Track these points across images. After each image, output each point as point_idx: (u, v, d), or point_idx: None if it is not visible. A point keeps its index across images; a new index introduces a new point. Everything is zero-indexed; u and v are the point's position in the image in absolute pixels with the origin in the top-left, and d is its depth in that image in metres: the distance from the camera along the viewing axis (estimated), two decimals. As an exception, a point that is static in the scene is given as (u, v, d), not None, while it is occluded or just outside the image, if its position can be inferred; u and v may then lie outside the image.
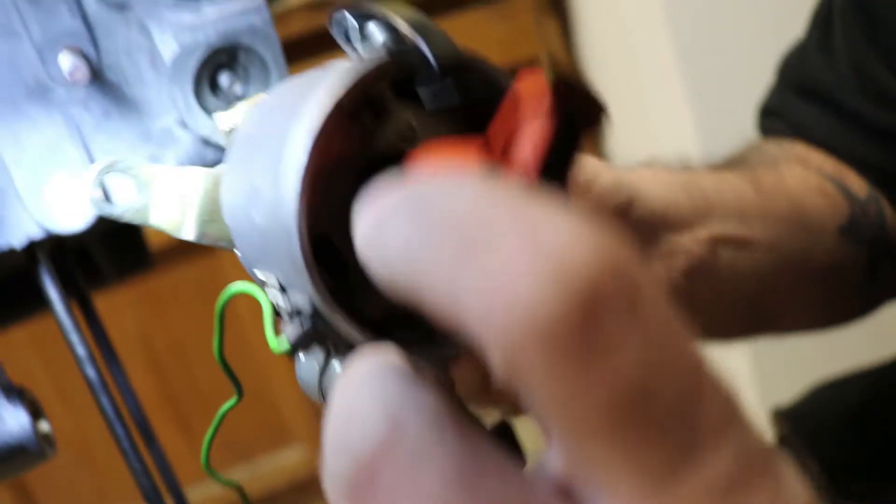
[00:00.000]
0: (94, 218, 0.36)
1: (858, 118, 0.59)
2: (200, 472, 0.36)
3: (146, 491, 0.43)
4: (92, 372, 0.41)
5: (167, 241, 0.37)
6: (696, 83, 1.35)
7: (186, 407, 1.58)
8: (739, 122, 0.75)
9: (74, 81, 0.29)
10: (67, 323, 0.41)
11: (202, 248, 0.33)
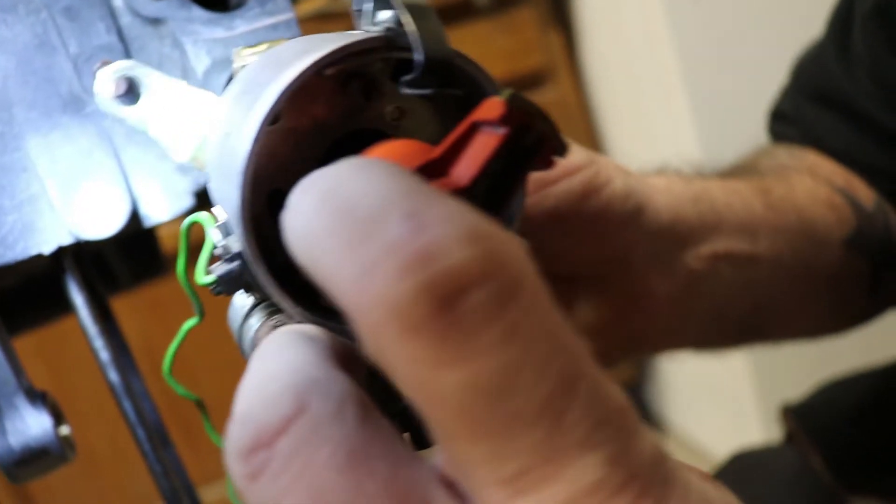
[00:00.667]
0: (123, 224, 0.37)
1: (875, 126, 0.58)
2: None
3: (165, 492, 0.44)
4: (115, 376, 0.42)
5: (171, 247, 0.37)
6: (698, 94, 1.36)
7: (189, 413, 1.58)
8: (741, 132, 0.75)
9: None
10: (92, 328, 0.42)
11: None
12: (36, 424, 0.41)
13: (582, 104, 1.64)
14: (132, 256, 0.59)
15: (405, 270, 0.16)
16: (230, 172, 0.26)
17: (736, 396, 1.48)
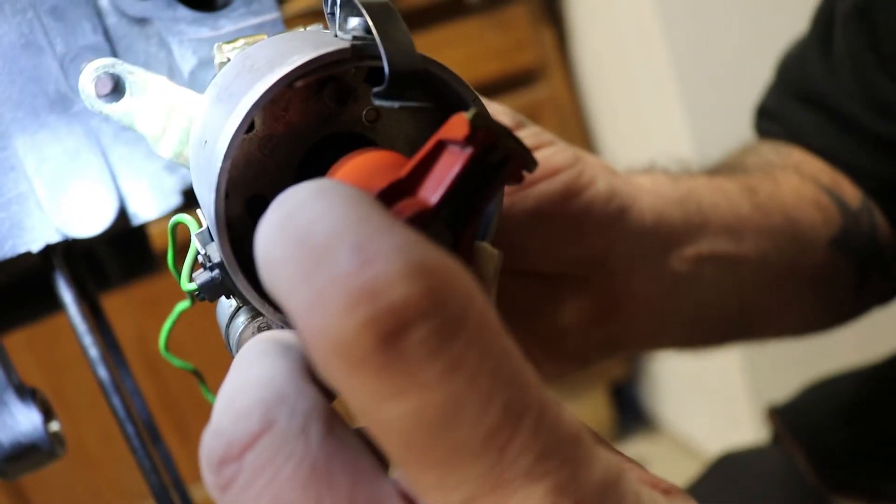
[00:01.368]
0: (110, 223, 0.38)
1: (857, 126, 0.58)
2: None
3: (154, 488, 0.44)
4: (104, 373, 0.42)
5: (162, 245, 0.38)
6: (690, 91, 1.36)
7: (183, 409, 1.58)
8: (733, 128, 0.75)
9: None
10: (81, 325, 0.42)
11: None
12: (25, 420, 0.41)
13: (574, 101, 1.64)
14: (123, 254, 0.59)
15: (350, 307, 0.17)
16: (208, 182, 0.26)
17: (728, 394, 1.49)
